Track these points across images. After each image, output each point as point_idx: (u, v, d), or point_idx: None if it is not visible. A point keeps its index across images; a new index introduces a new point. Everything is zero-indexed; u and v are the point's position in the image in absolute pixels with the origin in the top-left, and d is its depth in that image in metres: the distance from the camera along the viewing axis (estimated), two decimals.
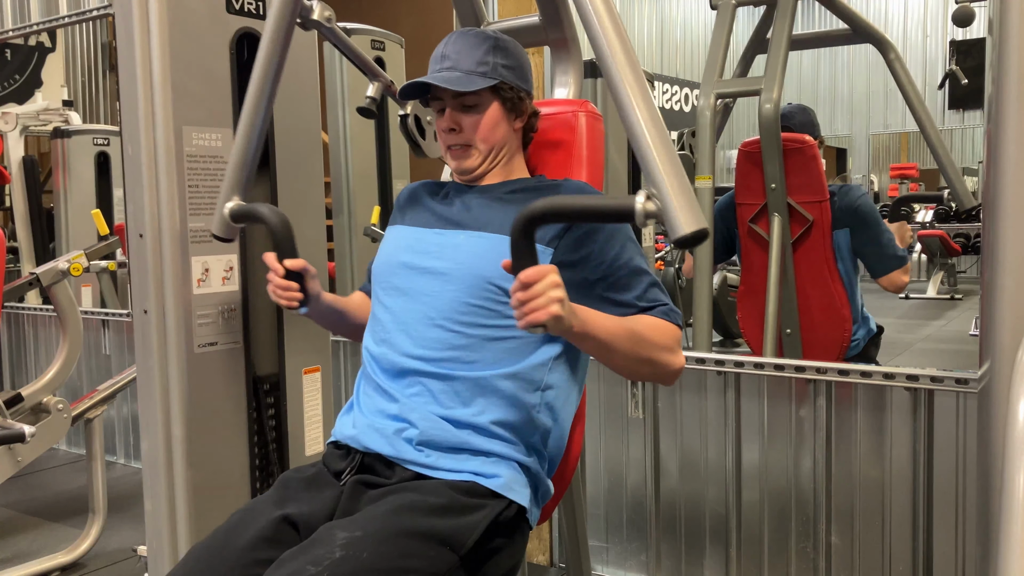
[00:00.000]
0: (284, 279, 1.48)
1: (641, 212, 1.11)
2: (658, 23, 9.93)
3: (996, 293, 1.01)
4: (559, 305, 1.16)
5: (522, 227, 1.16)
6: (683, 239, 1.09)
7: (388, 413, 1.39)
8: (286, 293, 1.49)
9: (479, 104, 1.46)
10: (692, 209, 1.10)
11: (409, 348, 1.40)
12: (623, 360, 1.34)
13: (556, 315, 1.16)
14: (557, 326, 1.18)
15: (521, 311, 1.17)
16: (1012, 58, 0.98)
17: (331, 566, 1.16)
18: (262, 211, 1.52)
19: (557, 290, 1.16)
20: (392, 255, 1.50)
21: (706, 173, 2.94)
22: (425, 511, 1.26)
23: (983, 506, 1.06)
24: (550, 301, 1.16)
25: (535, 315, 1.16)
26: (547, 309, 1.15)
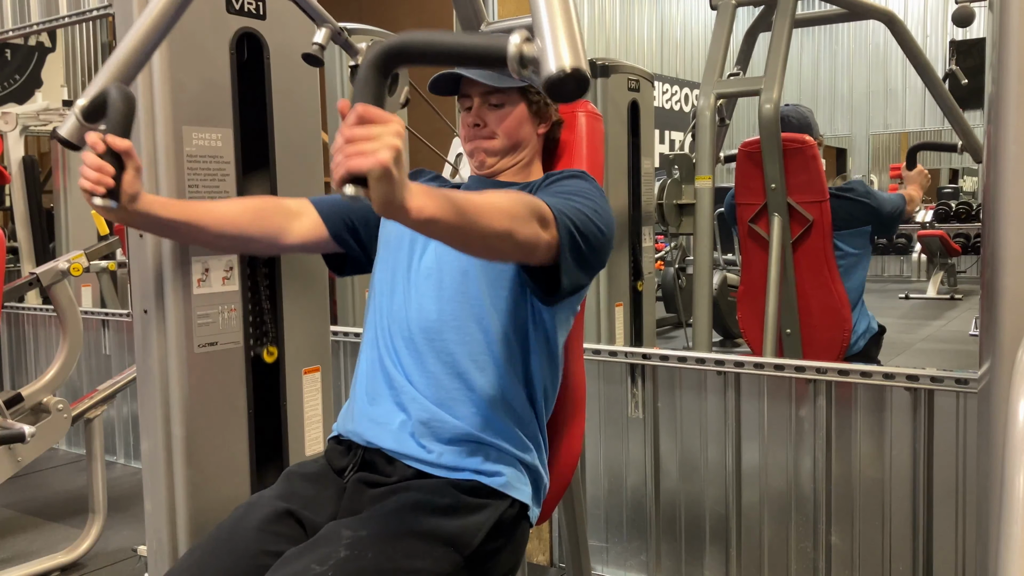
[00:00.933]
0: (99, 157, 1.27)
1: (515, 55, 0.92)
2: (658, 23, 9.93)
3: (996, 293, 1.01)
4: (392, 154, 0.92)
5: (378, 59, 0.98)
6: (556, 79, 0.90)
7: (390, 401, 1.39)
8: (95, 174, 1.27)
9: (507, 103, 1.47)
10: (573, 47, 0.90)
11: (414, 324, 1.40)
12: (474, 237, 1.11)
13: (383, 164, 0.91)
14: (383, 188, 0.93)
15: (343, 152, 0.92)
16: (1012, 58, 0.98)
17: (336, 565, 1.16)
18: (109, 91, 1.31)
19: (395, 139, 0.93)
20: (403, 230, 1.46)
21: (706, 173, 2.94)
22: (430, 511, 1.26)
23: (983, 506, 1.06)
24: (384, 147, 0.91)
25: (359, 160, 0.91)
26: (376, 155, 0.91)
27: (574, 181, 1.39)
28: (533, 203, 1.19)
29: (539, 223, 1.18)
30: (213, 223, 1.44)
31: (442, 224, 1.03)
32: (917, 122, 11.08)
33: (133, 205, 1.33)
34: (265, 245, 1.52)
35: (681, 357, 2.43)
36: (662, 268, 5.96)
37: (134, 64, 1.37)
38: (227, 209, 1.47)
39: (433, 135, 2.48)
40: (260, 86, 1.75)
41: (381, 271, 1.50)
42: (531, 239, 1.17)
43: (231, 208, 1.48)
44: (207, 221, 1.44)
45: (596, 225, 1.29)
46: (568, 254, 1.23)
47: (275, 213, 1.51)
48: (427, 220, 1.00)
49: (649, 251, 3.35)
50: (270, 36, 1.75)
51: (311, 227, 1.53)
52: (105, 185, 1.27)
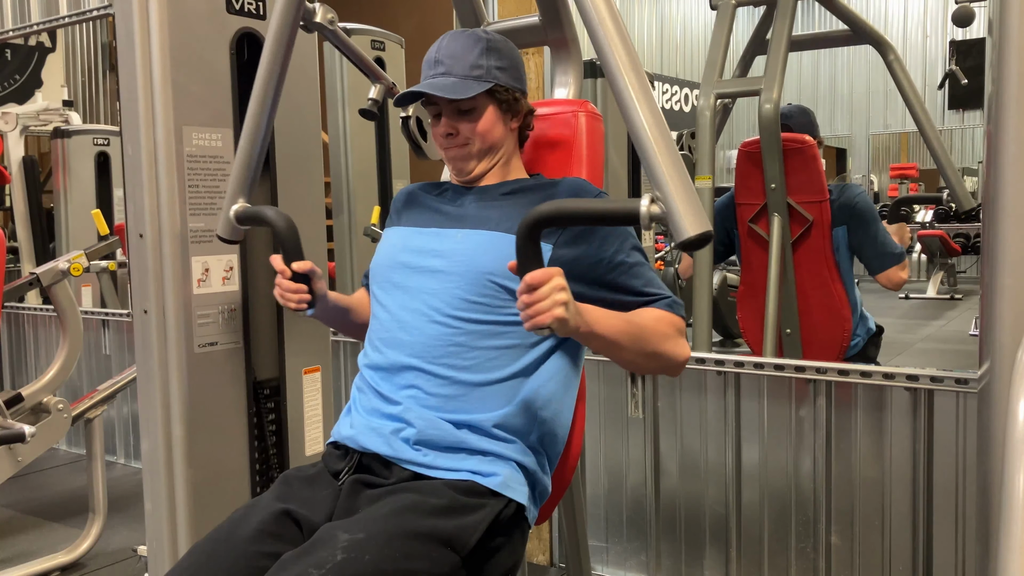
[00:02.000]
0: (291, 281, 1.49)
1: (646, 215, 1.12)
2: (658, 23, 9.93)
3: (996, 293, 1.01)
4: (564, 308, 1.17)
5: (528, 230, 1.17)
6: (688, 242, 1.11)
7: (385, 413, 1.39)
8: (295, 296, 1.49)
9: (475, 108, 1.46)
10: (696, 212, 1.11)
11: (407, 345, 1.40)
12: (630, 356, 1.35)
13: (561, 317, 1.17)
14: (563, 328, 1.19)
15: (527, 313, 1.18)
16: (1012, 58, 0.98)
17: (334, 568, 1.16)
18: (268, 214, 1.53)
19: (562, 293, 1.18)
20: (390, 255, 1.50)
21: (706, 173, 2.94)
22: (426, 512, 1.26)
23: (983, 506, 1.06)
24: (555, 304, 1.17)
25: (541, 318, 1.17)
26: (552, 312, 1.17)
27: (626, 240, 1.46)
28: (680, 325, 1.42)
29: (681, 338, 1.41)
30: (360, 311, 1.63)
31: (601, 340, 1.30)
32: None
33: (324, 304, 1.55)
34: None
35: None
36: (662, 268, 5.96)
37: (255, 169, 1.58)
38: (359, 300, 1.65)
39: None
40: None
41: (379, 283, 1.51)
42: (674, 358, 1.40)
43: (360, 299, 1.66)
44: (357, 309, 1.63)
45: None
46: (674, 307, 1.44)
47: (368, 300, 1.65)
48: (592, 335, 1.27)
49: (649, 251, 3.35)
50: None
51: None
52: (307, 302, 1.50)
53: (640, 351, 1.35)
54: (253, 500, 1.39)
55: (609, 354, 1.35)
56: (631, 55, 1.17)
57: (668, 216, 1.12)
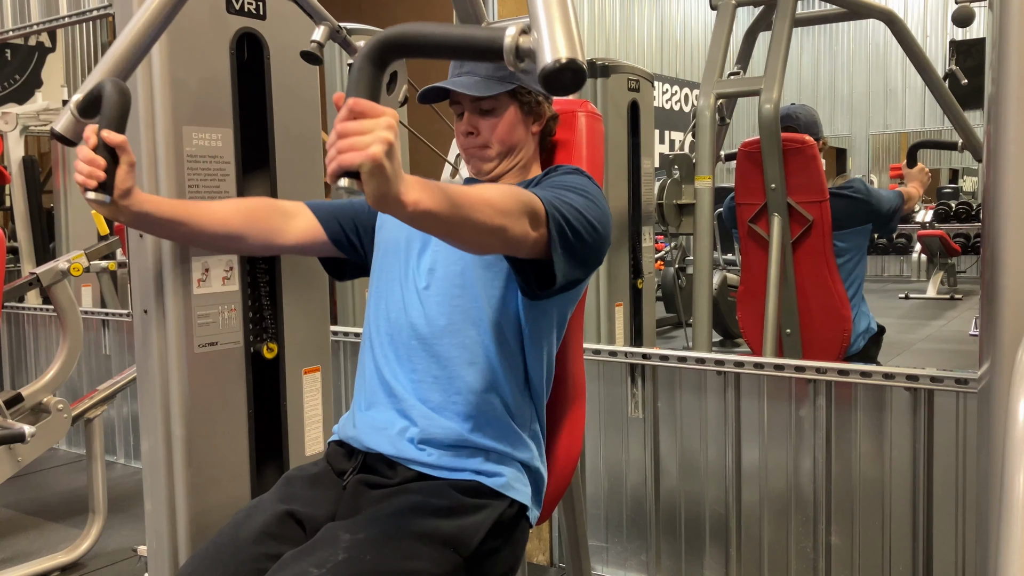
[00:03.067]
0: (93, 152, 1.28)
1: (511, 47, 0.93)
2: (658, 23, 9.93)
3: (996, 293, 1.01)
4: (384, 148, 0.91)
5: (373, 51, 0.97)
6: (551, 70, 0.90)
7: (389, 408, 1.39)
8: (86, 167, 1.27)
9: (497, 108, 1.46)
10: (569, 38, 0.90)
11: (411, 327, 1.40)
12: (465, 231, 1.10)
13: (376, 159, 0.91)
14: (376, 182, 0.92)
15: (336, 147, 0.92)
16: (1012, 58, 0.98)
17: (334, 568, 1.16)
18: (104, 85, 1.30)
19: (388, 132, 0.92)
20: (399, 235, 1.48)
21: (706, 173, 2.94)
22: (429, 513, 1.27)
23: (983, 506, 1.06)
24: (376, 140, 0.91)
25: (352, 155, 0.91)
26: (368, 150, 0.90)
27: (571, 176, 1.39)
28: (526, 198, 1.18)
29: (530, 218, 1.17)
30: (207, 223, 1.44)
31: (436, 217, 1.02)
32: (917, 122, 11.08)
33: (126, 201, 1.33)
34: (259, 245, 1.51)
35: (681, 357, 2.43)
36: (662, 268, 5.96)
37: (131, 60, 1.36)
38: (221, 209, 1.47)
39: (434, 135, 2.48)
40: (260, 86, 1.75)
41: (378, 278, 1.50)
42: (521, 235, 1.16)
43: (226, 208, 1.48)
44: (201, 220, 1.44)
45: (588, 221, 1.28)
46: (559, 249, 1.22)
47: (270, 214, 1.51)
48: (422, 213, 0.99)
49: (649, 251, 3.35)
50: (270, 36, 1.75)
51: (306, 229, 1.53)
52: (97, 179, 1.27)
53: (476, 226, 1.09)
54: (255, 501, 1.39)
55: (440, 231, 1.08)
56: None
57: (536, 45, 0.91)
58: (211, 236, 1.46)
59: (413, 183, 0.98)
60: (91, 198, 1.29)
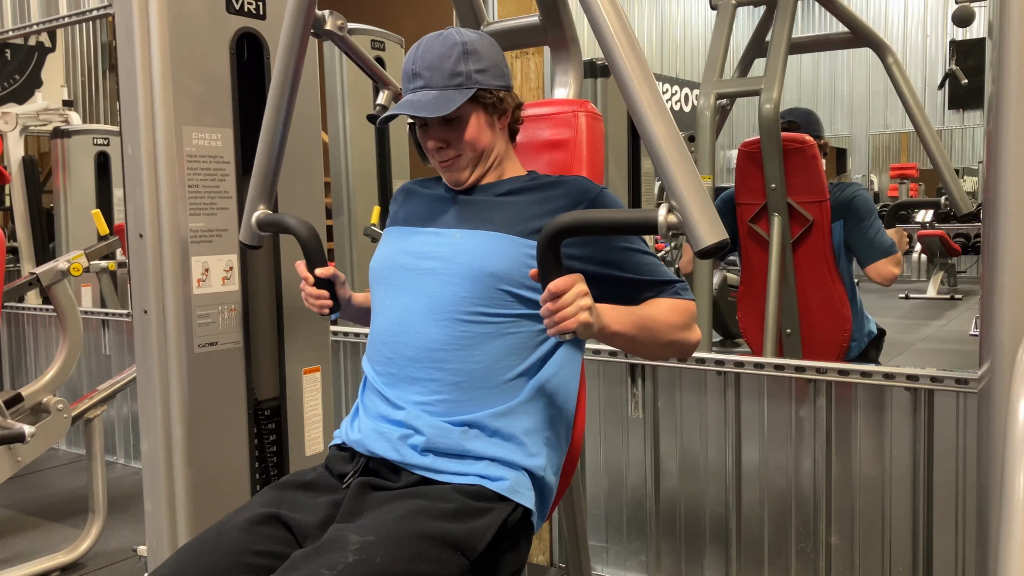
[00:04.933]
0: (315, 287, 1.54)
1: (664, 225, 1.16)
2: (658, 23, 9.93)
3: (996, 293, 1.01)
4: (587, 313, 1.22)
5: (548, 240, 1.21)
6: (706, 250, 1.15)
7: (392, 419, 1.39)
8: (318, 301, 1.54)
9: (460, 117, 1.43)
10: (712, 221, 1.14)
11: (411, 348, 1.40)
12: (647, 348, 1.41)
13: (586, 322, 1.22)
14: (586, 332, 1.24)
15: (552, 320, 1.22)
16: (1012, 58, 0.98)
17: (345, 570, 1.16)
18: (290, 222, 1.59)
19: (585, 298, 1.22)
20: (390, 257, 1.50)
21: (706, 173, 2.94)
22: (436, 515, 1.26)
23: (983, 506, 1.06)
24: (579, 310, 1.21)
25: (566, 324, 1.21)
26: (576, 318, 1.21)
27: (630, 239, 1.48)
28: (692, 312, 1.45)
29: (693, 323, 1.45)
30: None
31: (622, 338, 1.34)
32: None
33: (349, 307, 1.62)
34: None
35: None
36: None
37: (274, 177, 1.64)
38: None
39: None
40: (260, 86, 1.75)
41: (377, 299, 1.50)
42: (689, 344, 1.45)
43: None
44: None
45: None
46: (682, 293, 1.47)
47: None
48: (613, 335, 1.32)
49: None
50: (270, 36, 1.75)
51: None
52: (328, 306, 1.55)
53: (656, 343, 1.40)
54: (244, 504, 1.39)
55: (628, 349, 1.41)
56: (641, 63, 1.19)
57: (685, 226, 1.15)
58: None
59: (607, 315, 1.30)
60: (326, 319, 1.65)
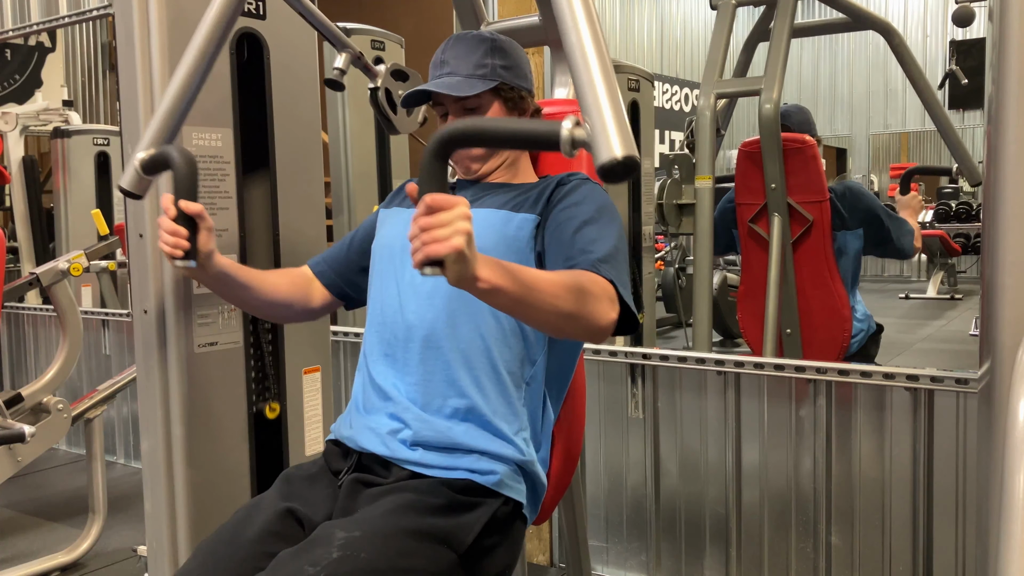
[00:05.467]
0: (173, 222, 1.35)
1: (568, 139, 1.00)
2: (658, 23, 9.93)
3: (996, 293, 1.01)
4: (464, 239, 1.00)
5: (437, 147, 1.04)
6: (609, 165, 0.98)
7: (383, 412, 1.39)
8: (172, 239, 1.35)
9: (480, 107, 1.46)
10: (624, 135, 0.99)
11: (407, 331, 1.40)
12: (540, 314, 1.17)
13: (458, 249, 1.00)
14: (458, 267, 1.02)
15: (420, 239, 1.01)
16: (1012, 58, 0.98)
17: (329, 566, 1.16)
18: (170, 151, 1.39)
19: (465, 222, 1.01)
20: (394, 237, 1.49)
21: (706, 173, 2.94)
22: (423, 510, 1.27)
23: (983, 506, 1.06)
24: (455, 233, 1.00)
25: (435, 247, 0.99)
26: (450, 241, 0.99)
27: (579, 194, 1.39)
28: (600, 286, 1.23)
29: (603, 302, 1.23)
30: (269, 290, 1.54)
31: (506, 294, 1.10)
32: (917, 122, 11.08)
33: (209, 263, 1.41)
34: (300, 312, 1.60)
35: (681, 357, 2.43)
36: (662, 268, 5.96)
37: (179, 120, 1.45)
38: (274, 278, 1.56)
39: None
40: (260, 86, 1.75)
41: (376, 281, 1.50)
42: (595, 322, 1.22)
43: (278, 277, 1.58)
44: (264, 288, 1.53)
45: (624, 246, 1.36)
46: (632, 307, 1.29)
47: (303, 282, 1.60)
48: (491, 289, 1.08)
49: (649, 251, 3.35)
50: (270, 36, 1.75)
51: (322, 292, 1.62)
52: (183, 248, 1.35)
53: (551, 310, 1.17)
54: (256, 499, 1.39)
55: (515, 310, 1.17)
56: None
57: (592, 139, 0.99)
58: (269, 303, 1.55)
59: (486, 263, 1.07)
60: (178, 265, 1.38)
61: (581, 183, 1.44)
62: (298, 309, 1.59)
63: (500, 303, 1.13)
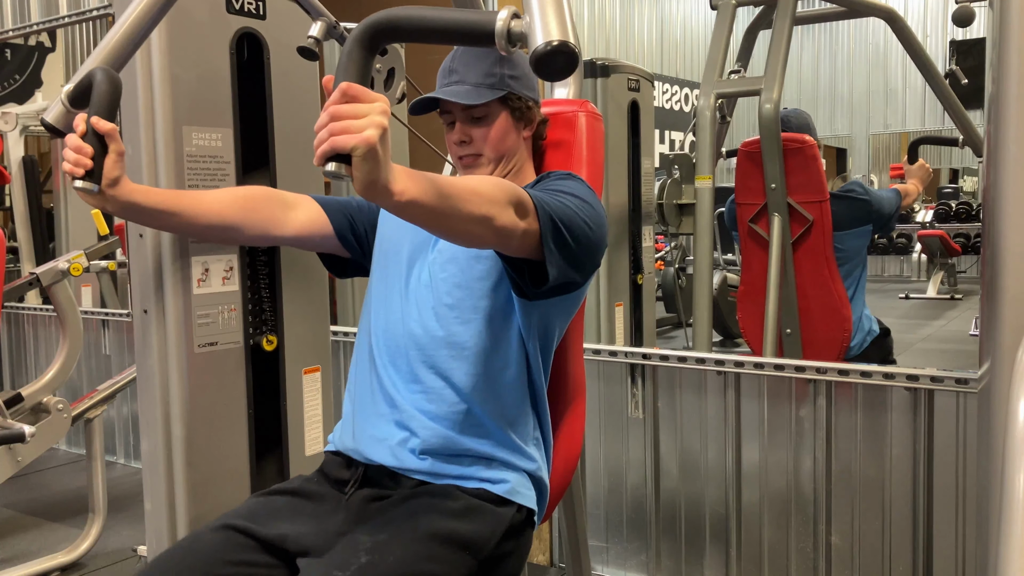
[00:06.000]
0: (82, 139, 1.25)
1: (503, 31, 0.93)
2: (658, 23, 9.93)
3: (996, 293, 1.01)
4: (378, 133, 0.91)
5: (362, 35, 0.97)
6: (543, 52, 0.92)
7: (389, 420, 1.38)
8: (73, 155, 1.25)
9: (488, 116, 1.46)
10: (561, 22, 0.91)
11: (408, 337, 1.39)
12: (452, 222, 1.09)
13: (370, 142, 0.90)
14: (367, 167, 0.92)
15: (328, 129, 0.91)
16: (1012, 58, 0.98)
17: (358, 571, 1.15)
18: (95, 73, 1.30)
19: (382, 117, 0.92)
20: (398, 243, 1.48)
21: (706, 173, 2.94)
22: (445, 514, 1.26)
23: (983, 506, 1.06)
24: (370, 125, 0.91)
25: (344, 137, 0.90)
26: (363, 134, 0.90)
27: (564, 181, 1.38)
28: (513, 190, 1.16)
29: (518, 210, 1.16)
30: (202, 213, 1.42)
31: (423, 207, 1.01)
32: (917, 122, 11.07)
33: (113, 190, 1.31)
34: (257, 236, 1.49)
35: (681, 357, 2.43)
36: (662, 268, 5.96)
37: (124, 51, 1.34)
38: (217, 199, 1.44)
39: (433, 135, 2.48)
40: (260, 86, 1.75)
41: (376, 285, 1.50)
42: (509, 225, 1.14)
43: (221, 197, 1.45)
44: (196, 211, 1.41)
45: (583, 220, 1.27)
46: (551, 243, 1.20)
47: (268, 203, 1.49)
48: (408, 202, 0.99)
49: (649, 251, 3.35)
50: (270, 36, 1.75)
51: (309, 220, 1.51)
52: (84, 167, 1.25)
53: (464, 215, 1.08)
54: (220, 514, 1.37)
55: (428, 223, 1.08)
56: None
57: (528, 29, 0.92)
58: (205, 226, 1.44)
59: (401, 172, 0.98)
60: (78, 187, 1.27)
61: (569, 175, 1.42)
62: (251, 233, 1.47)
63: (415, 216, 1.04)
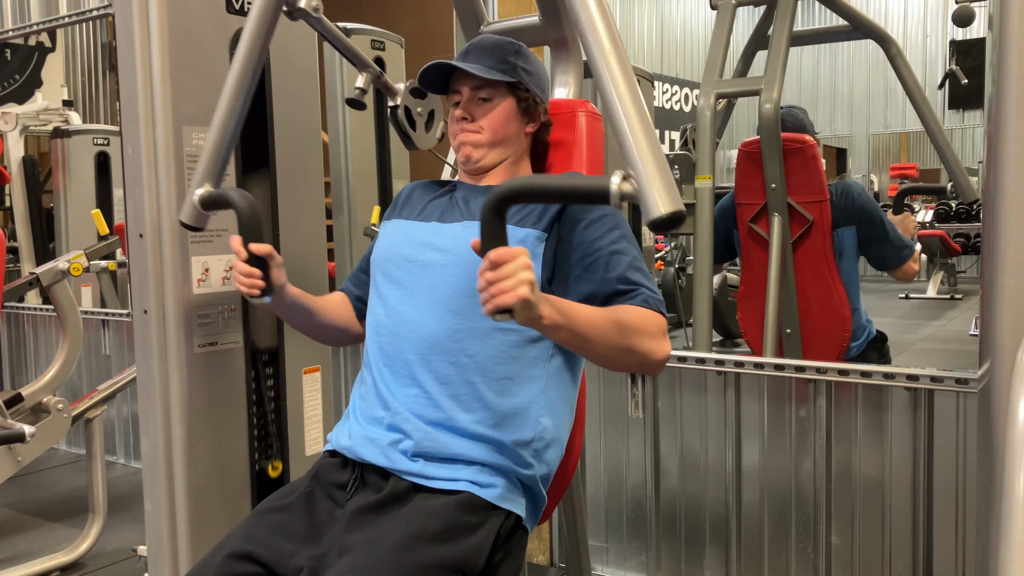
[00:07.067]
0: (247, 264, 1.42)
1: (616, 193, 1.07)
2: (658, 23, 9.93)
3: (996, 293, 1.01)
4: (528, 287, 1.11)
5: (494, 205, 1.11)
6: (658, 220, 1.07)
7: (383, 422, 1.38)
8: (248, 280, 1.42)
9: (494, 98, 1.48)
10: (669, 190, 1.07)
11: (408, 340, 1.39)
12: (602, 350, 1.28)
13: (524, 298, 1.10)
14: (525, 312, 1.13)
15: (488, 292, 1.11)
16: (1012, 58, 0.98)
17: None
18: (231, 195, 1.47)
19: (527, 272, 1.11)
20: (392, 248, 1.49)
21: (706, 173, 2.94)
22: (431, 539, 1.24)
23: (983, 506, 1.06)
24: (519, 283, 1.10)
25: (503, 297, 1.10)
26: (516, 291, 1.10)
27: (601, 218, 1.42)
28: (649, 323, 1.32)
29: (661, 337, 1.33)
30: (330, 316, 1.59)
31: (564, 330, 1.21)
32: (917, 122, 11.01)
33: (282, 295, 1.48)
34: (349, 336, 1.63)
35: (681, 357, 2.43)
36: (662, 268, 5.96)
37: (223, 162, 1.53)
38: (331, 303, 1.61)
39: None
40: (260, 86, 1.75)
41: (375, 293, 1.50)
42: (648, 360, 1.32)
43: (335, 302, 1.62)
44: (327, 312, 1.59)
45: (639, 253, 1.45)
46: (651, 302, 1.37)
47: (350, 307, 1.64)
48: (552, 326, 1.19)
49: (649, 251, 3.35)
50: None
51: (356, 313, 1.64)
52: (260, 287, 1.42)
53: (615, 346, 1.28)
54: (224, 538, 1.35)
55: (579, 348, 1.28)
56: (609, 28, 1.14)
57: (639, 194, 1.07)
58: (329, 327, 1.60)
59: (546, 301, 1.17)
60: (255, 303, 1.46)
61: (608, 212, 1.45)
62: (353, 334, 1.63)
63: (561, 338, 1.24)
